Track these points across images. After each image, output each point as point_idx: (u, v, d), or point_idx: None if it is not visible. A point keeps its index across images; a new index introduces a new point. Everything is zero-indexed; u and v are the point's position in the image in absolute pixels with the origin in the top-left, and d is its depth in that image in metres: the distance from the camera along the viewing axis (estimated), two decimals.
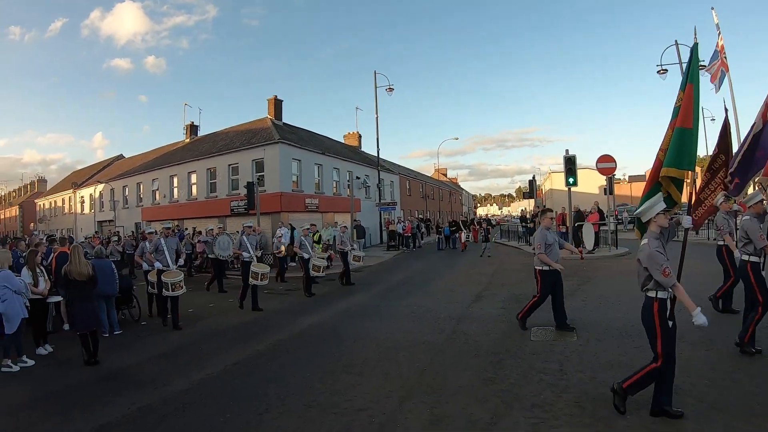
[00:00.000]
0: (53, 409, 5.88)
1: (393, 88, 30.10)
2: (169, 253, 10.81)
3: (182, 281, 10.40)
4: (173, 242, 11.42)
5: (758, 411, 4.45)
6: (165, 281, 10.16)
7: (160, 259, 10.74)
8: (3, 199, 77.02)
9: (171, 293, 10.18)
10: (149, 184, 34.69)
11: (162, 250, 10.79)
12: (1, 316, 7.55)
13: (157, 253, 10.85)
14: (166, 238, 11.27)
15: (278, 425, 5.04)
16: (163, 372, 7.24)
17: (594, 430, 4.39)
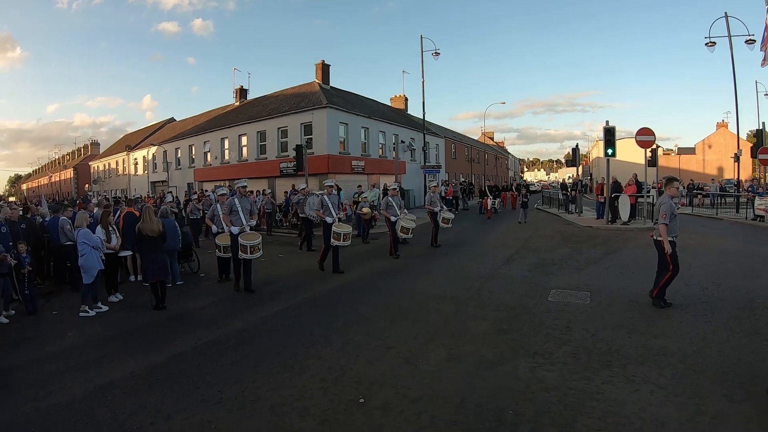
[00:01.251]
0: (131, 344, 7.06)
1: (439, 53, 30.30)
2: (243, 214, 10.23)
3: (260, 244, 9.88)
4: (247, 203, 10.60)
5: (731, 376, 4.99)
6: (243, 243, 9.63)
7: (234, 221, 10.15)
8: (57, 162, 79.75)
9: (248, 255, 9.68)
10: (201, 146, 36.12)
11: (236, 211, 10.19)
12: (80, 268, 8.74)
13: (231, 215, 10.25)
14: (241, 198, 10.44)
15: (321, 356, 6.12)
16: (223, 315, 8.40)
17: (580, 376, 5.18)
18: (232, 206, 10.17)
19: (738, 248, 12.90)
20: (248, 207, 10.45)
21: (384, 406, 4.69)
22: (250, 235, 9.87)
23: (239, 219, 10.13)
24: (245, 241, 9.62)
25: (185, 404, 4.91)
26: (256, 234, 10.04)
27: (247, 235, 9.85)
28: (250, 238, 9.77)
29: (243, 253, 9.64)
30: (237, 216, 10.16)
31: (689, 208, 25.87)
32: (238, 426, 4.43)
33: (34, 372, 6.02)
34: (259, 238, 9.86)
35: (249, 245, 9.61)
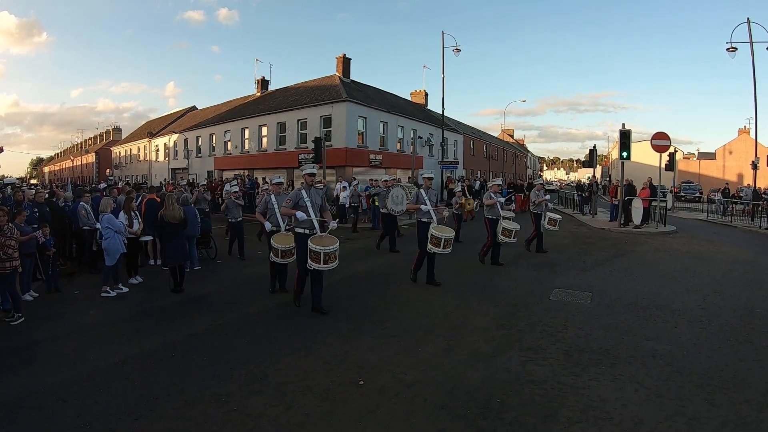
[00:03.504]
0: (149, 323, 7.50)
1: (460, 49, 30.39)
2: (313, 209, 7.93)
3: (337, 250, 7.69)
4: (317, 195, 8.14)
5: (715, 381, 5.17)
6: (315, 249, 7.45)
7: (306, 220, 7.94)
8: (80, 146, 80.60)
9: (321, 266, 7.49)
10: (221, 135, 36.62)
11: (305, 206, 7.86)
12: (95, 251, 9.19)
13: (298, 209, 7.98)
14: (309, 189, 8.04)
15: (327, 341, 6.52)
16: (237, 299, 8.82)
17: (569, 372, 5.45)
18: (299, 199, 7.89)
19: (746, 257, 13.00)
20: (319, 201, 8.08)
21: (381, 388, 5.05)
22: (324, 239, 7.74)
23: (308, 216, 7.90)
24: (318, 247, 7.46)
25: (198, 379, 5.31)
26: (333, 238, 7.80)
27: (320, 238, 7.75)
28: (324, 242, 7.63)
29: (314, 263, 7.50)
30: (305, 212, 7.90)
31: (704, 214, 25.80)
32: (246, 400, 4.80)
33: (57, 346, 6.46)
34: (336, 243, 7.65)
35: (323, 252, 7.43)
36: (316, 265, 7.46)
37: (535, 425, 4.28)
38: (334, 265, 7.57)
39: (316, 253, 7.43)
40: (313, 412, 4.55)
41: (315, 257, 7.45)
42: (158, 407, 4.67)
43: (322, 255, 7.40)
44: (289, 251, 8.60)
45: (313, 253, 7.45)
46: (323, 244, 7.55)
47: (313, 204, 7.89)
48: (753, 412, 4.47)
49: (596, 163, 27.93)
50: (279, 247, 8.64)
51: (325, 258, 7.42)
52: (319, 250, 7.42)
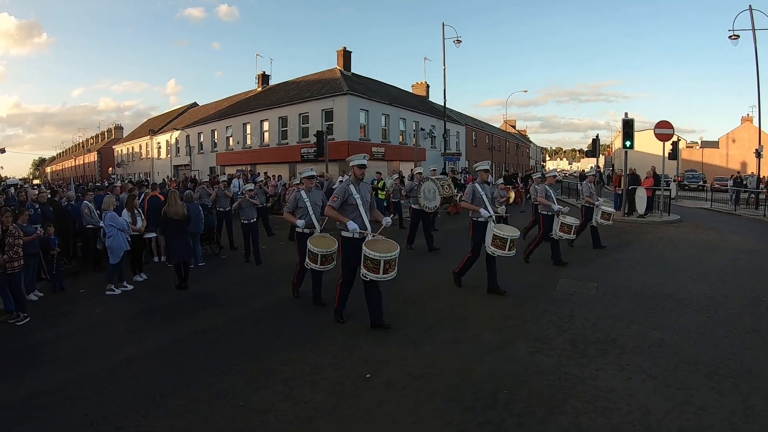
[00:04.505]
0: (154, 320, 7.53)
1: (461, 40, 30.32)
2: (364, 208, 6.70)
3: (397, 257, 6.45)
4: (367, 191, 6.98)
5: (723, 371, 5.16)
6: (373, 256, 6.22)
7: (355, 218, 6.60)
8: (81, 146, 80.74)
9: (380, 276, 6.30)
10: (223, 131, 36.69)
11: (354, 204, 6.66)
12: (106, 249, 9.21)
13: (344, 209, 6.69)
14: (358, 184, 6.83)
15: (332, 336, 6.54)
16: (242, 295, 8.82)
17: (576, 362, 5.45)
18: (347, 196, 6.67)
19: (752, 246, 12.95)
20: (368, 198, 6.89)
21: (388, 381, 5.05)
22: (381, 244, 6.43)
23: (360, 217, 6.65)
24: (376, 253, 6.19)
25: (205, 375, 5.31)
26: (391, 243, 6.53)
27: (375, 243, 6.42)
28: (382, 248, 6.34)
29: (371, 272, 6.28)
30: (355, 212, 6.68)
31: (708, 203, 25.70)
32: (253, 395, 4.80)
33: (64, 345, 6.48)
34: (396, 249, 6.39)
35: (383, 259, 6.17)
36: (374, 275, 6.27)
37: (543, 416, 4.27)
38: (393, 274, 6.38)
39: (374, 260, 6.22)
40: (321, 407, 4.55)
41: (372, 266, 6.24)
42: (165, 404, 4.68)
43: (381, 263, 6.20)
44: (330, 256, 7.46)
45: (370, 261, 6.24)
46: (381, 249, 6.32)
47: (363, 202, 6.73)
48: (761, 401, 4.46)
49: (599, 153, 27.90)
50: (318, 251, 7.37)
51: (384, 267, 6.24)
52: (378, 257, 6.19)
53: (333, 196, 6.79)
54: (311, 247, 7.39)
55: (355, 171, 6.83)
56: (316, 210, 8.00)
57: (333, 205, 6.69)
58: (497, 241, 8.11)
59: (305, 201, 8.00)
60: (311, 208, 7.97)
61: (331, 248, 7.41)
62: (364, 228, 6.60)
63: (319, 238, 7.67)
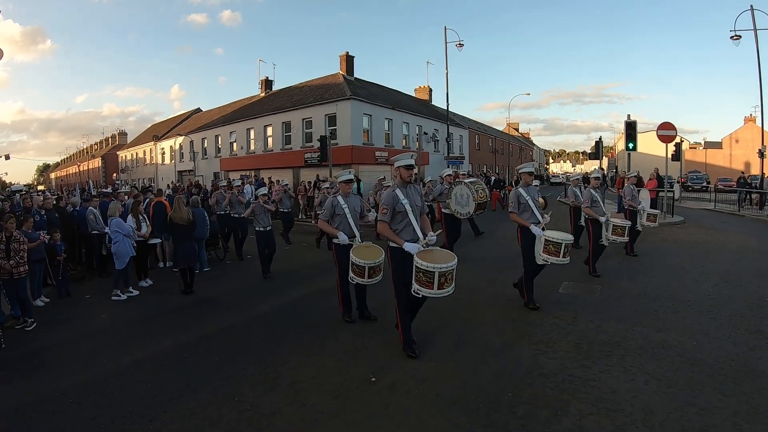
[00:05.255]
0: (161, 325, 7.60)
1: (463, 44, 30.44)
2: (416, 216, 5.83)
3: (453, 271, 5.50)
4: (417, 195, 6.00)
5: (726, 371, 5.17)
6: (427, 267, 5.31)
7: (405, 228, 5.78)
8: (86, 151, 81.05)
9: (435, 292, 5.36)
10: (227, 137, 36.71)
11: (403, 210, 5.76)
12: (111, 254, 9.28)
13: (395, 220, 5.81)
14: (406, 188, 5.90)
15: (338, 337, 6.61)
16: (247, 300, 8.89)
17: (580, 364, 5.46)
18: (396, 203, 5.76)
19: (755, 246, 12.94)
20: (419, 203, 5.98)
21: (392, 385, 5.08)
22: (435, 254, 5.59)
23: (410, 225, 5.78)
24: (431, 265, 5.30)
25: (211, 379, 5.36)
26: (448, 253, 5.71)
27: (429, 253, 5.56)
28: (437, 258, 5.48)
29: (424, 287, 5.40)
30: (405, 220, 5.79)
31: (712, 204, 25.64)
32: (259, 399, 4.85)
33: (70, 350, 6.56)
34: (454, 260, 5.48)
35: (438, 271, 5.28)
36: (427, 290, 5.38)
37: (547, 418, 4.30)
38: (450, 289, 5.44)
39: (427, 273, 5.32)
40: (326, 410, 4.59)
41: (426, 280, 5.34)
42: (172, 408, 4.72)
43: (436, 276, 5.28)
44: (378, 267, 6.71)
45: (423, 274, 5.36)
46: (436, 259, 5.42)
47: (413, 208, 5.82)
48: (765, 402, 4.47)
49: (602, 155, 27.85)
50: (365, 263, 6.54)
51: (440, 280, 5.31)
52: (433, 269, 5.28)
53: (381, 207, 5.87)
54: (355, 259, 6.56)
55: (401, 173, 5.90)
56: (355, 217, 7.25)
57: (384, 218, 5.77)
58: (550, 246, 7.30)
59: (343, 207, 7.14)
60: (350, 216, 7.17)
61: (378, 258, 6.66)
62: (416, 238, 5.73)
63: (362, 248, 6.87)
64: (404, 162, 5.89)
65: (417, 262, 5.41)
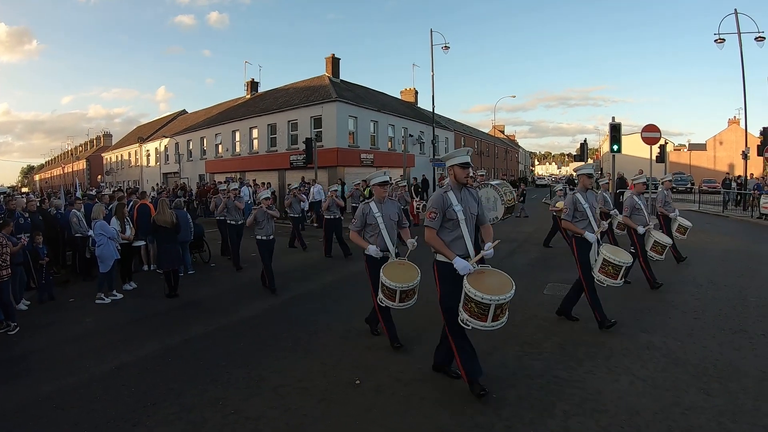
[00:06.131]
0: (145, 329, 7.50)
1: (449, 47, 30.43)
2: (470, 227, 4.86)
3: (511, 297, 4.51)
4: (473, 200, 5.00)
5: (711, 371, 5.21)
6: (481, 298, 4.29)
7: (455, 241, 4.77)
8: (70, 153, 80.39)
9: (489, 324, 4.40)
10: (212, 139, 36.66)
11: (455, 219, 4.75)
12: (96, 257, 9.20)
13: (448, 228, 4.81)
14: (461, 191, 4.90)
15: (323, 343, 6.55)
16: (232, 303, 8.82)
17: (565, 366, 5.48)
18: (446, 207, 4.77)
19: (739, 247, 13.09)
20: (476, 211, 5.01)
21: (377, 387, 5.07)
22: (490, 278, 4.61)
23: (461, 238, 4.79)
24: (485, 296, 4.27)
25: (196, 383, 5.31)
26: (504, 277, 4.66)
27: (481, 276, 4.56)
28: (494, 285, 4.48)
29: (475, 319, 4.39)
30: (456, 230, 4.79)
31: (696, 205, 25.83)
32: (243, 403, 4.81)
33: (54, 355, 6.46)
34: (512, 288, 4.46)
35: (495, 303, 4.28)
36: (479, 322, 4.40)
37: (532, 419, 4.30)
38: (504, 320, 4.52)
39: (481, 305, 4.31)
40: (311, 413, 4.56)
41: (479, 312, 4.36)
42: (156, 413, 4.67)
43: (492, 308, 4.30)
44: (412, 290, 5.78)
45: (476, 305, 4.34)
46: (491, 287, 4.40)
47: (468, 216, 4.85)
48: (749, 401, 4.51)
49: (587, 157, 28.02)
50: (397, 286, 5.59)
51: (495, 312, 4.35)
52: (489, 301, 4.26)
53: (429, 210, 4.86)
54: (386, 279, 5.61)
55: (456, 172, 4.86)
56: (390, 227, 6.17)
57: (432, 224, 4.77)
58: (609, 268, 6.51)
59: (376, 216, 6.11)
60: (385, 226, 6.10)
61: (413, 280, 5.72)
62: (468, 254, 4.74)
63: (395, 266, 5.88)
64: (460, 160, 4.86)
65: (468, 290, 4.38)
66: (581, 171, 7.03)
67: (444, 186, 5.04)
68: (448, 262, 4.68)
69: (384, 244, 6.10)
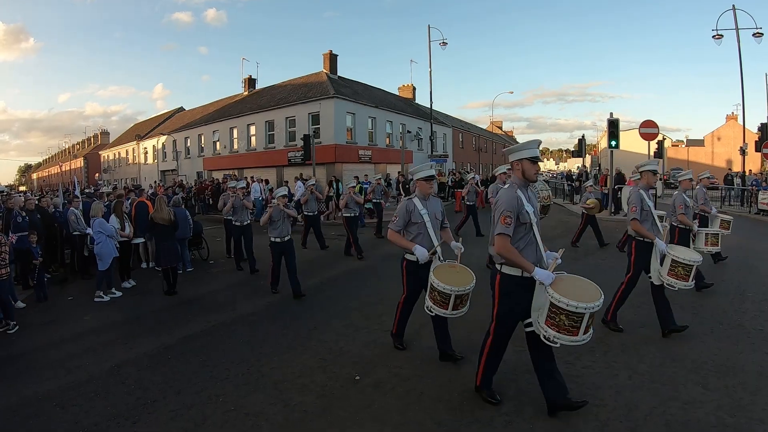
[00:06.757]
0: (144, 326, 7.51)
1: (446, 43, 30.62)
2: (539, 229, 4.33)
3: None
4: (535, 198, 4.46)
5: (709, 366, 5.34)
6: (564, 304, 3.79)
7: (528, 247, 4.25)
8: (68, 151, 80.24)
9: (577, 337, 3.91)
10: (210, 136, 36.60)
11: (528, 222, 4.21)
12: (94, 255, 9.20)
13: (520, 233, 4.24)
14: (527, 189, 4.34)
15: (322, 339, 6.55)
16: (231, 300, 8.83)
17: (563, 361, 5.43)
18: (519, 209, 4.17)
19: (738, 242, 13.08)
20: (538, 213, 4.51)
21: (377, 383, 5.09)
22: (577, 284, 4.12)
23: (534, 243, 4.28)
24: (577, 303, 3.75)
25: (195, 380, 5.32)
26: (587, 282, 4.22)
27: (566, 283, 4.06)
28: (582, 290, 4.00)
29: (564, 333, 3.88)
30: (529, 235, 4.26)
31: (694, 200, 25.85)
32: (243, 399, 4.83)
33: (53, 353, 6.47)
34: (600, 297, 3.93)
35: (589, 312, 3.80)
36: (570, 337, 3.90)
37: (531, 414, 4.33)
38: (588, 337, 3.98)
39: (573, 315, 3.79)
40: (311, 409, 4.58)
41: (570, 324, 3.85)
42: (156, 410, 4.68)
43: (585, 318, 3.82)
44: (466, 296, 5.21)
45: (567, 317, 3.81)
46: (578, 293, 3.90)
47: (538, 219, 4.34)
48: (747, 395, 4.53)
49: (585, 153, 28.04)
50: (453, 289, 4.96)
51: (587, 322, 3.87)
52: (583, 309, 3.76)
53: (504, 215, 4.12)
54: (438, 283, 4.92)
55: (524, 168, 4.25)
56: (436, 227, 5.57)
57: (507, 230, 4.11)
58: (679, 269, 5.97)
59: (422, 214, 5.44)
60: (431, 225, 5.48)
61: (469, 284, 5.13)
62: (540, 261, 4.29)
63: (446, 269, 5.25)
64: (530, 153, 4.24)
65: (553, 297, 3.84)
66: (646, 167, 6.58)
67: (509, 183, 4.42)
68: (515, 275, 4.19)
69: (431, 245, 5.42)
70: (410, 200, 5.55)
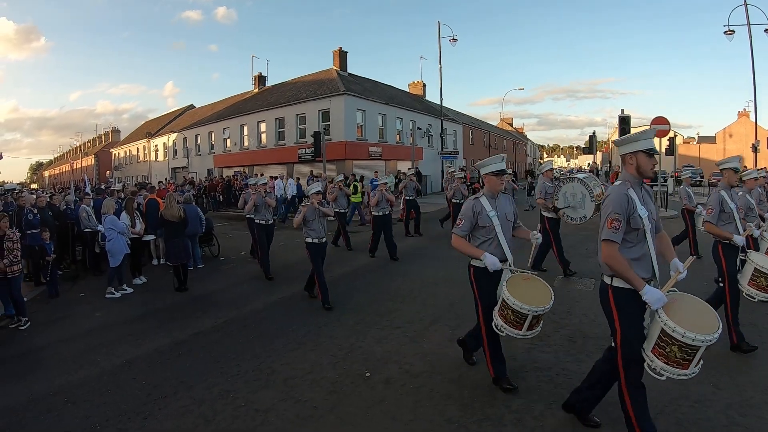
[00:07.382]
0: (155, 323, 7.56)
1: (456, 39, 30.43)
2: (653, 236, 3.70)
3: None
4: (651, 198, 3.77)
5: (719, 364, 5.29)
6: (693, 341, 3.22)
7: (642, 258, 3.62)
8: (79, 149, 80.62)
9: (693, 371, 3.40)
10: (220, 133, 36.71)
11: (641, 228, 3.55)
12: (105, 252, 9.27)
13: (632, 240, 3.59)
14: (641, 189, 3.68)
15: (333, 335, 6.56)
16: (241, 296, 8.86)
17: (574, 358, 5.49)
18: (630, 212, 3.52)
19: None
20: (655, 214, 3.71)
21: (387, 380, 5.10)
22: (692, 307, 3.58)
23: (647, 255, 3.63)
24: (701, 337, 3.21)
25: (206, 376, 5.36)
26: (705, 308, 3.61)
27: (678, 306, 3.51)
28: (697, 316, 3.45)
29: (675, 366, 3.38)
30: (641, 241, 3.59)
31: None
32: (253, 395, 4.85)
33: (65, 349, 6.54)
34: (718, 327, 3.35)
35: (705, 344, 3.25)
36: (680, 371, 3.40)
37: (541, 411, 4.32)
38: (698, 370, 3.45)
39: (688, 348, 3.29)
40: (321, 405, 4.60)
41: (682, 357, 3.35)
42: (167, 406, 4.72)
43: (701, 350, 3.32)
44: (542, 316, 4.54)
45: (680, 349, 3.32)
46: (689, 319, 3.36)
47: (652, 221, 3.64)
48: (758, 394, 4.50)
49: (596, 150, 27.88)
50: (530, 309, 4.30)
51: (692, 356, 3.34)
52: (702, 342, 3.24)
53: (610, 217, 3.52)
54: (515, 301, 4.30)
55: (639, 162, 3.61)
56: (507, 230, 4.83)
57: (615, 237, 3.51)
58: (761, 279, 5.38)
59: (491, 216, 4.69)
60: (501, 228, 4.73)
61: (548, 303, 4.42)
62: (654, 275, 3.68)
63: (519, 281, 4.59)
64: (643, 144, 3.60)
65: (668, 327, 3.30)
66: (726, 164, 5.94)
67: (620, 181, 3.70)
68: (627, 288, 3.57)
69: (502, 252, 4.71)
70: (477, 200, 4.75)
